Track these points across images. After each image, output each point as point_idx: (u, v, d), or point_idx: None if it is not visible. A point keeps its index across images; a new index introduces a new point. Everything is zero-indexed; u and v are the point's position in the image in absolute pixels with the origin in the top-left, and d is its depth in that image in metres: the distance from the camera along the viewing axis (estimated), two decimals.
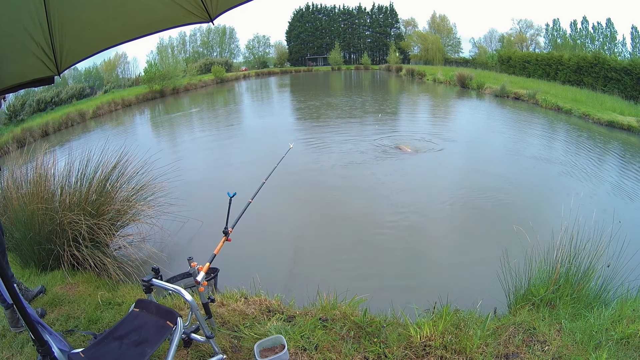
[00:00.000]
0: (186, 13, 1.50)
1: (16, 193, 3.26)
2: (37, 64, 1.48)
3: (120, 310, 2.47)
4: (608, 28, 31.28)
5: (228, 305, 2.46)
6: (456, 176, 6.15)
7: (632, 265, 2.49)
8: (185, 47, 48.85)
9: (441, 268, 3.64)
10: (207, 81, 31.78)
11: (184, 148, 9.41)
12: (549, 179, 6.07)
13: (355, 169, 6.67)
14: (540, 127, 10.57)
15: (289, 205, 5.24)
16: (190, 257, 1.89)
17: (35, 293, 2.68)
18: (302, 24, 53.15)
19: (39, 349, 1.37)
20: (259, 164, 6.73)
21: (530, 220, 3.67)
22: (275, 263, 3.77)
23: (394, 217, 4.71)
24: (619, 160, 7.57)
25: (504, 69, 27.84)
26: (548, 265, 2.51)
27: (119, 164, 3.71)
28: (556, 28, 36.31)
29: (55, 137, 13.22)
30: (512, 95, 16.24)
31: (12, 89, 1.55)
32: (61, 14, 1.40)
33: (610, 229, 2.53)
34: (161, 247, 3.78)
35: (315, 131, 10.13)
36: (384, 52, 51.49)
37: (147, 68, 25.18)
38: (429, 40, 44.84)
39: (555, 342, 1.98)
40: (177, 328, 1.65)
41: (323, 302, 2.43)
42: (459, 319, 2.18)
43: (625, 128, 10.19)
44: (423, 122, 11.46)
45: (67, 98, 23.73)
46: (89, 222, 3.06)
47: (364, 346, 2.05)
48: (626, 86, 17.14)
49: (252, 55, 52.55)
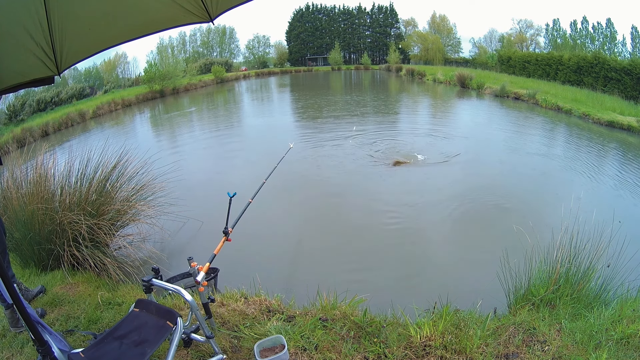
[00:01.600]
0: (186, 13, 1.50)
1: (16, 193, 3.26)
2: (37, 64, 1.48)
3: (120, 310, 2.47)
4: (608, 28, 31.27)
5: (228, 305, 2.46)
6: (456, 176, 6.15)
7: (632, 265, 2.49)
8: (185, 47, 48.87)
9: (441, 268, 3.64)
10: (207, 81, 31.77)
11: (184, 148, 9.41)
12: (549, 179, 6.07)
13: (355, 168, 6.67)
14: (540, 127, 10.56)
15: (289, 205, 5.24)
16: (190, 257, 1.90)
17: (35, 293, 2.68)
18: (302, 24, 53.13)
19: (39, 349, 1.37)
20: (259, 163, 6.73)
21: (530, 220, 3.67)
22: (275, 263, 3.77)
23: (394, 217, 4.71)
24: (619, 160, 7.57)
25: (504, 69, 27.82)
26: (548, 265, 2.51)
27: (119, 164, 3.72)
28: (556, 28, 36.30)
29: (55, 137, 13.21)
30: (512, 95, 16.23)
31: (12, 89, 1.55)
32: (61, 14, 1.40)
33: (610, 229, 2.53)
34: (161, 247, 3.78)
35: (315, 131, 10.13)
36: (384, 52, 51.45)
37: (147, 68, 25.19)
38: (429, 40, 44.82)
39: (555, 342, 1.98)
40: (177, 328, 1.65)
41: (323, 302, 2.43)
42: (459, 319, 2.18)
43: (625, 128, 10.18)
44: (422, 121, 11.46)
45: (67, 98, 23.74)
46: (89, 222, 3.06)
47: (364, 346, 2.05)
48: (626, 86, 17.13)
49: (252, 55, 52.56)
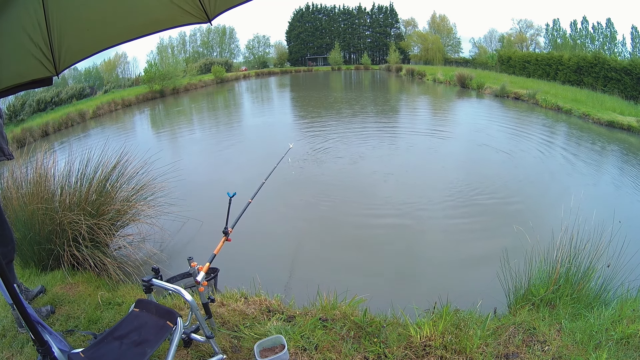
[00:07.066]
0: (184, 13, 1.50)
1: (16, 193, 3.25)
2: (36, 65, 1.48)
3: (120, 310, 2.47)
4: (608, 28, 31.25)
5: (228, 305, 2.46)
6: (456, 176, 6.15)
7: (632, 265, 2.49)
8: (185, 47, 48.88)
9: (441, 268, 3.63)
10: (207, 81, 31.77)
11: (184, 148, 9.42)
12: (549, 179, 6.06)
13: (355, 168, 6.67)
14: (539, 127, 10.54)
15: (289, 205, 5.24)
16: (190, 257, 1.90)
17: (35, 293, 2.68)
18: (302, 24, 53.11)
19: (39, 349, 1.37)
20: (259, 163, 6.72)
21: (530, 220, 3.67)
22: (275, 263, 3.77)
23: (395, 217, 4.70)
24: (619, 160, 7.56)
25: (504, 69, 27.81)
26: (548, 265, 2.51)
27: (119, 164, 3.71)
28: (556, 28, 36.28)
29: (55, 137, 13.22)
30: (512, 95, 16.21)
31: (10, 91, 1.54)
32: (59, 14, 1.40)
33: (610, 229, 2.53)
34: (161, 247, 3.78)
35: (314, 131, 10.12)
36: (384, 52, 51.43)
37: (147, 68, 25.22)
38: (429, 40, 44.80)
39: (555, 342, 1.98)
40: (177, 328, 1.65)
41: (323, 302, 2.43)
42: (459, 319, 2.18)
43: (625, 128, 10.17)
44: (423, 121, 11.46)
45: (67, 98, 23.74)
46: (89, 222, 3.05)
47: (364, 346, 2.05)
48: (626, 86, 17.12)
49: (252, 55, 52.52)
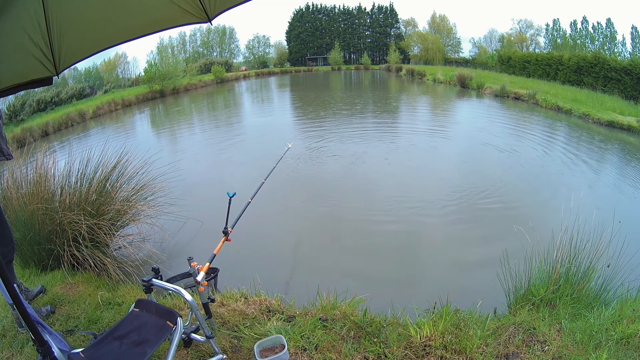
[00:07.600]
0: (184, 13, 1.49)
1: (16, 193, 3.25)
2: (36, 65, 1.48)
3: (120, 310, 2.47)
4: (608, 28, 31.24)
5: (228, 305, 2.46)
6: (456, 176, 6.15)
7: (632, 265, 2.49)
8: (185, 47, 48.85)
9: (441, 268, 3.63)
10: (207, 81, 31.76)
11: (183, 148, 9.41)
12: (549, 179, 6.06)
13: (355, 168, 6.67)
14: (539, 127, 10.55)
15: (288, 205, 5.24)
16: (190, 257, 1.90)
17: (35, 293, 2.68)
18: (302, 24, 53.09)
19: (39, 349, 1.37)
20: (259, 163, 6.73)
21: (530, 220, 3.67)
22: (275, 263, 3.76)
23: (395, 217, 4.70)
24: (619, 160, 7.57)
25: (504, 69, 27.81)
26: (548, 265, 2.51)
27: (119, 164, 3.71)
28: (556, 28, 36.27)
29: (55, 137, 13.21)
30: (512, 95, 16.22)
31: (10, 91, 1.54)
32: (59, 14, 1.40)
33: (610, 229, 2.53)
34: (161, 247, 3.78)
35: (314, 131, 10.12)
36: (384, 52, 51.41)
37: (147, 68, 25.21)
38: (429, 40, 44.78)
39: (555, 342, 1.98)
40: (177, 328, 1.65)
41: (323, 302, 2.43)
42: (459, 319, 2.18)
43: (625, 128, 10.17)
44: (423, 121, 11.46)
45: (67, 98, 23.74)
46: (89, 222, 3.05)
47: (364, 346, 2.05)
48: (626, 86, 17.12)
49: (252, 55, 52.49)
